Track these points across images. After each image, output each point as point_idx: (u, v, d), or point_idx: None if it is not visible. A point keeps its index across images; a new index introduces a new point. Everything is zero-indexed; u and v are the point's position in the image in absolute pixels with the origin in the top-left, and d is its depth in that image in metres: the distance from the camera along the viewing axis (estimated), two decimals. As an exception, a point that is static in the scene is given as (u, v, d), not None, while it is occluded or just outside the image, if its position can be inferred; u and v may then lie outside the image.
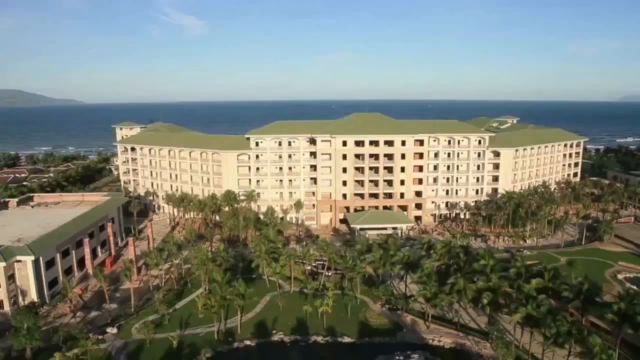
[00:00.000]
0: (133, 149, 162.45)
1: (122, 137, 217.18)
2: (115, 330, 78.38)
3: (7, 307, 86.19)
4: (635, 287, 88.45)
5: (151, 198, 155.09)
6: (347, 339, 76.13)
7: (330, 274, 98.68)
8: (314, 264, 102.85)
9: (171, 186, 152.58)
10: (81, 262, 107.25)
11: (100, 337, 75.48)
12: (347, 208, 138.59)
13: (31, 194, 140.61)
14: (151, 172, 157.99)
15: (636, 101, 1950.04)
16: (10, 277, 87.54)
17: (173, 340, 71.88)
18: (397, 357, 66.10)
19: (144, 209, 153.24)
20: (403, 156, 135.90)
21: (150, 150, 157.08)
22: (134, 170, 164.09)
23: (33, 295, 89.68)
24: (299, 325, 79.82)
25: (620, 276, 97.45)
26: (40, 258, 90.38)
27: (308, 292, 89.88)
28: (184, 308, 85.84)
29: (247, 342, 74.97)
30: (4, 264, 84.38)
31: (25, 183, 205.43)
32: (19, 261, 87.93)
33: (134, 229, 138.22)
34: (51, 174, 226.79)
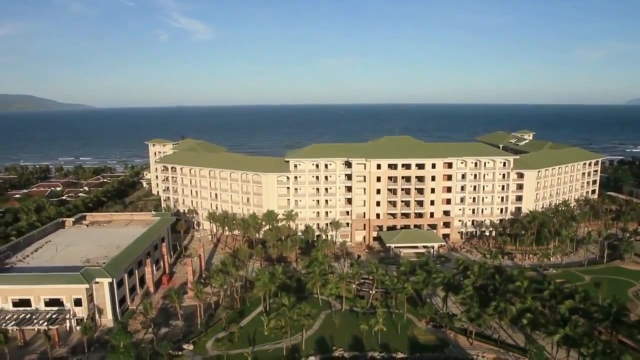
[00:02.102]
0: (173, 168, 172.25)
1: (155, 154, 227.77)
2: (191, 347, 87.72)
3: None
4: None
5: (192, 215, 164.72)
6: (400, 355, 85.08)
7: (373, 292, 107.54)
8: (357, 283, 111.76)
9: (211, 204, 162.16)
10: (141, 280, 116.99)
11: (179, 353, 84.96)
12: (380, 227, 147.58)
13: (84, 214, 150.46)
14: (191, 190, 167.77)
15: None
16: (90, 297, 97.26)
17: (248, 357, 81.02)
18: (451, 373, 74.97)
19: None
20: (433, 178, 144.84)
21: (190, 170, 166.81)
22: (173, 188, 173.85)
23: (109, 314, 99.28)
24: (355, 341, 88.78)
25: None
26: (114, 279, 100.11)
27: (358, 311, 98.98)
28: (248, 325, 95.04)
29: (312, 358, 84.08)
30: (87, 285, 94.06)
31: (64, 197, 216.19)
32: (97, 282, 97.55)
33: (179, 246, 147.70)
34: (85, 187, 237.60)
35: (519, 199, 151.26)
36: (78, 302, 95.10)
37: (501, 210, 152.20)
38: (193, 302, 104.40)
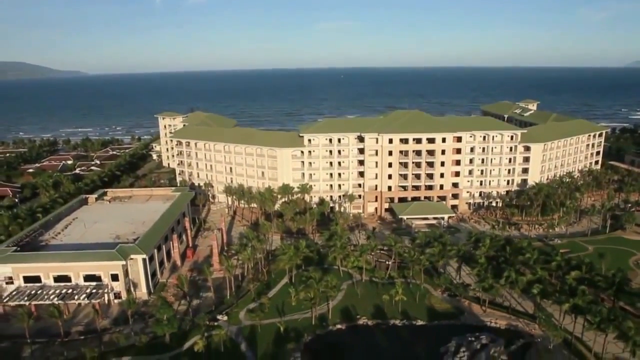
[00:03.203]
0: (187, 142, 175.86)
1: (165, 126, 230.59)
2: (225, 317, 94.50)
3: (125, 297, 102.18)
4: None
5: (207, 189, 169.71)
6: (420, 322, 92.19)
7: (390, 263, 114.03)
8: (373, 253, 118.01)
9: (226, 178, 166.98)
10: (167, 254, 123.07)
11: (215, 323, 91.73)
12: (392, 199, 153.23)
13: (105, 190, 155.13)
14: (205, 164, 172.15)
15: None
16: (125, 272, 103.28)
17: (281, 326, 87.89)
18: (469, 338, 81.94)
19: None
20: (443, 152, 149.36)
21: (205, 144, 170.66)
22: (187, 162, 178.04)
23: (143, 287, 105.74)
24: (376, 310, 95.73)
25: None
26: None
27: (378, 281, 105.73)
28: (275, 296, 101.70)
29: (339, 326, 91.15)
30: (123, 262, 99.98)
31: (77, 171, 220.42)
32: (132, 259, 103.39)
33: (197, 219, 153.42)
34: (97, 161, 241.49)
35: (525, 171, 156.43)
36: (115, 277, 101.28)
37: (508, 182, 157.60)
38: (218, 274, 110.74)
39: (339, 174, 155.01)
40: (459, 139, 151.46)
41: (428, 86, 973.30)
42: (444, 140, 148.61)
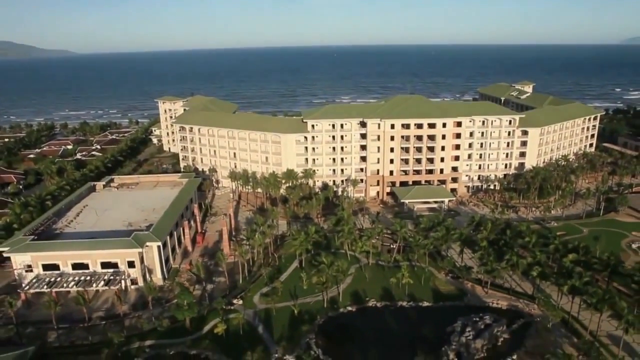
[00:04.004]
0: (191, 128, 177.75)
1: (165, 111, 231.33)
2: (240, 301, 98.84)
3: (141, 283, 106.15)
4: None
5: (212, 174, 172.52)
6: (426, 303, 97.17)
7: (396, 247, 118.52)
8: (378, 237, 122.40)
9: (229, 163, 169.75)
10: (178, 240, 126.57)
11: (231, 307, 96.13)
12: (393, 183, 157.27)
13: (112, 177, 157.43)
14: (209, 149, 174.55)
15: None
16: (141, 259, 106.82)
17: (295, 308, 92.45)
18: (474, 319, 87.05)
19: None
20: (444, 136, 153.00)
21: (208, 130, 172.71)
22: (191, 147, 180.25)
23: (158, 273, 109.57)
24: (384, 292, 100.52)
25: (634, 245, 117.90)
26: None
27: (384, 265, 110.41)
28: (286, 280, 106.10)
29: (349, 308, 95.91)
30: (140, 249, 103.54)
31: (78, 157, 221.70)
32: (147, 246, 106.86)
33: (203, 205, 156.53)
34: (97, 146, 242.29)
35: (523, 155, 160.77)
36: (131, 264, 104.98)
37: (505, 165, 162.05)
38: (229, 259, 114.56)
39: (342, 159, 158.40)
40: (459, 124, 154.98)
41: (421, 65, 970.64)
42: (444, 125, 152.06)
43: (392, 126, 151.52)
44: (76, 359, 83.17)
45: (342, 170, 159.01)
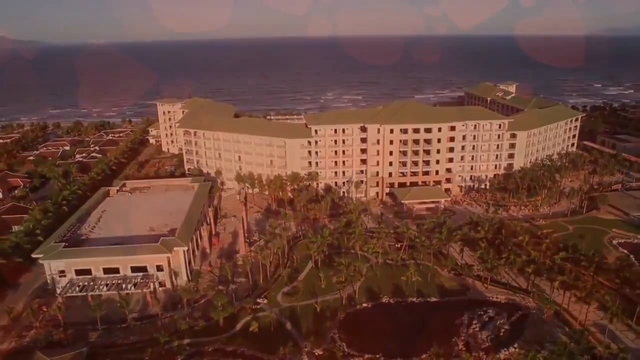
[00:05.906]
0: (195, 132, 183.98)
1: (164, 113, 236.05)
2: (265, 301, 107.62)
3: (168, 285, 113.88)
4: (626, 252, 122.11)
5: (218, 177, 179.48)
6: (433, 299, 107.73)
7: (399, 245, 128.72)
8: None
9: (234, 166, 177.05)
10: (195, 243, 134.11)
11: (257, 306, 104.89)
12: (392, 184, 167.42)
13: (124, 181, 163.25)
14: (214, 152, 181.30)
15: (623, 34, 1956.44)
16: (168, 263, 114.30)
17: (317, 306, 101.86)
18: (479, 312, 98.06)
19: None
20: (439, 140, 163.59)
21: (213, 134, 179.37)
22: (195, 150, 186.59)
23: (183, 276, 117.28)
24: (395, 289, 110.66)
25: (615, 242, 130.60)
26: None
27: (392, 263, 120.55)
28: (304, 280, 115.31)
29: (365, 305, 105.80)
30: (169, 254, 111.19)
31: (79, 159, 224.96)
32: (174, 251, 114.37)
33: (212, 207, 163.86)
34: (96, 147, 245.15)
35: (511, 156, 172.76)
36: (159, 268, 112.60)
37: (495, 166, 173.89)
38: (246, 260, 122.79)
39: (343, 162, 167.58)
40: (453, 128, 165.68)
41: (399, 57, 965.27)
42: (439, 129, 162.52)
43: (391, 131, 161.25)
44: (122, 358, 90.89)
45: (343, 172, 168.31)
